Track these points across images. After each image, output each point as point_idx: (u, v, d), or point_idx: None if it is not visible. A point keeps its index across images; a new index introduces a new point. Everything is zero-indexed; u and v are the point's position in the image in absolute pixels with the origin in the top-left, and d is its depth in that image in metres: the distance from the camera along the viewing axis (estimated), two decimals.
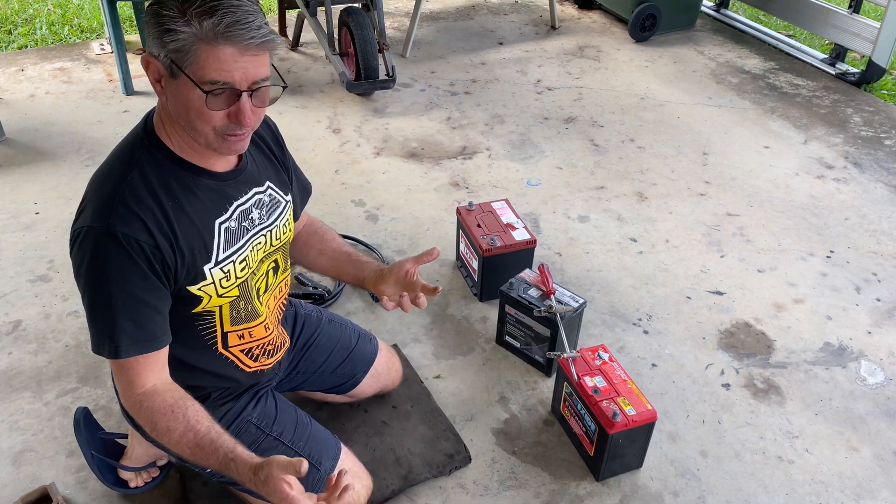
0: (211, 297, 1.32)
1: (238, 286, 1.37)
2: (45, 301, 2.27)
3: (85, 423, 1.68)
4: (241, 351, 1.47)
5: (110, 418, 1.89)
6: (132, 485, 1.70)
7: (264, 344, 1.51)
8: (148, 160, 1.23)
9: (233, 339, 1.43)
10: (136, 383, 1.25)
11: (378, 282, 1.53)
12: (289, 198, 1.50)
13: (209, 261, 1.29)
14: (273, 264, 1.49)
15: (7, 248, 2.49)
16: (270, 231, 1.43)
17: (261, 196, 1.40)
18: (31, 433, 1.86)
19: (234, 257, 1.34)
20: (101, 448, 1.69)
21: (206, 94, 1.13)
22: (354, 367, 1.81)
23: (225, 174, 1.33)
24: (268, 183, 1.43)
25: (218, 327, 1.40)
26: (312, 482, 1.51)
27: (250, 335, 1.46)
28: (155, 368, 1.27)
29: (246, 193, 1.37)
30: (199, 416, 1.25)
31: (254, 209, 1.38)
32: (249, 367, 1.50)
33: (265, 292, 1.48)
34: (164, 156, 1.25)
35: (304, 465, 1.09)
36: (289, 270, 1.57)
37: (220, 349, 1.43)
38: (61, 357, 2.08)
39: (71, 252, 1.22)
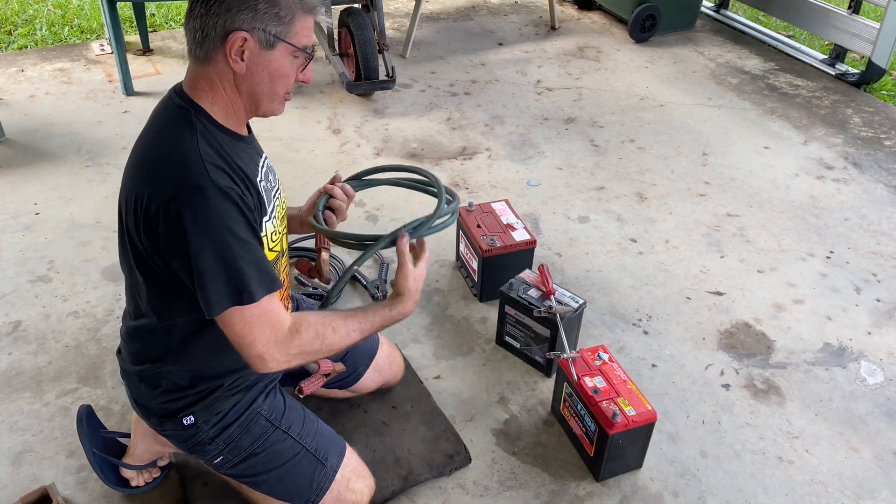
0: (265, 248, 1.37)
1: (280, 242, 1.44)
2: (45, 301, 2.27)
3: (87, 421, 1.68)
4: None
5: (110, 418, 1.89)
6: (133, 483, 1.70)
7: None
8: (200, 125, 1.28)
9: None
10: (280, 322, 1.29)
11: (307, 211, 1.66)
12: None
13: (265, 214, 1.36)
14: (284, 230, 1.55)
15: (7, 248, 2.49)
16: (280, 195, 1.50)
17: (267, 161, 1.48)
18: (31, 433, 1.86)
19: (273, 214, 1.41)
20: (102, 447, 1.69)
21: (310, 56, 1.30)
22: (356, 360, 1.82)
23: (249, 138, 1.40)
24: (262, 150, 1.50)
25: None
26: (318, 478, 1.51)
27: None
28: (282, 306, 1.32)
29: (260, 156, 1.44)
30: (335, 315, 1.39)
31: (268, 172, 1.45)
32: None
33: (283, 258, 1.53)
34: (209, 121, 1.30)
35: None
36: None
37: None
38: (61, 357, 2.08)
39: (167, 225, 1.21)
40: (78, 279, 2.36)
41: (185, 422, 1.45)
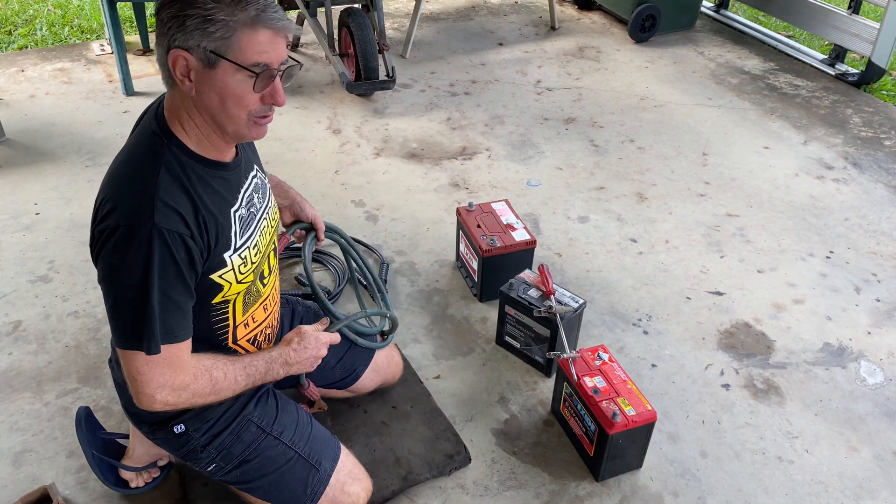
0: (231, 283, 1.35)
1: (253, 271, 1.41)
2: (45, 301, 2.27)
3: (86, 422, 1.68)
4: (248, 341, 1.48)
5: (110, 419, 1.89)
6: (133, 485, 1.70)
7: (265, 328, 1.54)
8: (169, 156, 1.25)
9: (241, 331, 1.45)
10: (181, 367, 1.29)
11: (288, 209, 1.71)
12: (266, 177, 1.54)
13: (229, 248, 1.33)
14: (273, 246, 1.54)
15: (7, 248, 2.49)
16: (268, 213, 1.48)
17: (256, 180, 1.45)
18: (31, 433, 1.86)
19: (248, 243, 1.38)
20: (101, 448, 1.69)
21: (256, 75, 1.20)
22: (355, 360, 1.81)
23: (232, 164, 1.37)
24: (255, 167, 1.48)
25: (231, 320, 1.41)
26: (312, 483, 1.51)
27: (254, 320, 1.48)
28: (188, 352, 1.32)
29: (247, 180, 1.41)
30: (225, 360, 1.38)
31: (254, 194, 1.43)
32: None
33: (269, 274, 1.52)
34: (182, 151, 1.27)
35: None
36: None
37: (231, 344, 1.45)
38: (61, 357, 2.08)
39: (101, 250, 1.21)
40: (78, 279, 2.36)
41: (175, 430, 1.44)
